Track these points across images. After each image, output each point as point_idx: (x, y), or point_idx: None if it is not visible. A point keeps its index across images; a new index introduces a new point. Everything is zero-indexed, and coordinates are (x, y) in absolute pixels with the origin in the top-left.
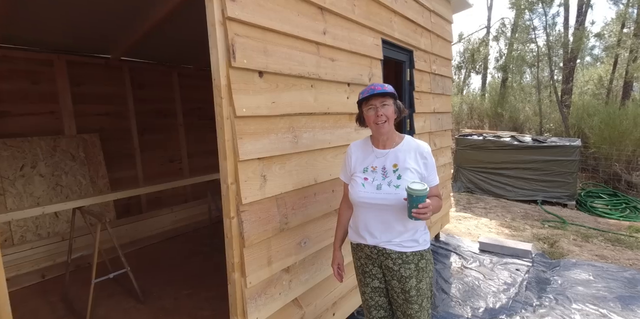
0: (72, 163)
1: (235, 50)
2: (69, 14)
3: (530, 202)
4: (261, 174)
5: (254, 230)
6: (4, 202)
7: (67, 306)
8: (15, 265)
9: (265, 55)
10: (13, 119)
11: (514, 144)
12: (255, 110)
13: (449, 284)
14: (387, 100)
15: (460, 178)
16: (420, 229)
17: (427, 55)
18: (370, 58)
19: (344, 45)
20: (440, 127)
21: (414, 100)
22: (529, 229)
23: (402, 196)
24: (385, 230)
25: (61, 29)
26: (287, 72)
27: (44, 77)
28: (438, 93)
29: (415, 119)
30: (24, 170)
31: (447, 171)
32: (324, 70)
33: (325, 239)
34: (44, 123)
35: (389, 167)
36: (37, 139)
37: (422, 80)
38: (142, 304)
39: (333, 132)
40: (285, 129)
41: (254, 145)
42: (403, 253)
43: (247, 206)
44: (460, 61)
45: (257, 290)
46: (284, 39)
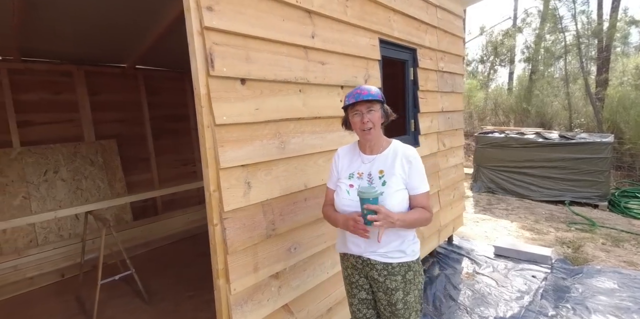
0: (91, 168)
1: (213, 59)
2: (83, 27)
3: (557, 203)
4: (245, 181)
5: (238, 237)
6: (29, 205)
7: (79, 305)
8: (38, 265)
9: (247, 62)
10: (36, 127)
11: (539, 142)
12: (237, 117)
13: (457, 290)
14: (373, 105)
15: (480, 178)
16: (408, 239)
17: (433, 53)
18: (366, 59)
19: (335, 48)
20: (450, 127)
21: (418, 100)
22: (552, 232)
23: (387, 203)
24: (370, 239)
25: (78, 41)
26: (272, 78)
27: (64, 88)
28: (447, 91)
29: (421, 119)
30: (47, 175)
31: (460, 172)
32: (313, 74)
33: (318, 244)
34: (65, 131)
35: (374, 173)
36: (59, 145)
37: (427, 79)
38: (147, 305)
39: (324, 136)
40: (270, 135)
41: (236, 152)
42: (388, 264)
43: (230, 213)
44: (483, 55)
45: (242, 296)
46: (267, 45)
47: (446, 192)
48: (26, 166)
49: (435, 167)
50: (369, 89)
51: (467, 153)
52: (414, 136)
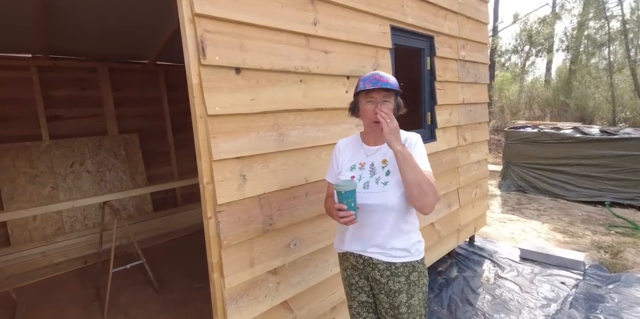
0: (115, 161)
1: (205, 47)
2: (105, 25)
3: (595, 204)
4: (240, 173)
5: (233, 231)
6: (57, 195)
7: (96, 292)
8: (64, 252)
9: (241, 50)
10: (64, 122)
11: (577, 137)
12: (231, 108)
13: (476, 294)
14: (389, 96)
15: (509, 175)
16: (413, 236)
17: (453, 41)
18: (376, 47)
19: (340, 36)
20: (473, 120)
21: (435, 91)
22: (589, 235)
23: (390, 194)
24: (372, 236)
25: (101, 39)
26: (269, 67)
27: (89, 84)
28: (469, 82)
29: (438, 111)
30: (73, 167)
31: (483, 168)
32: (315, 63)
33: (320, 241)
34: (90, 125)
35: (377, 163)
36: (85, 139)
37: (446, 68)
38: (159, 294)
39: (327, 129)
40: (268, 127)
41: (230, 144)
42: (392, 263)
43: (224, 206)
44: (516, 45)
45: (238, 291)
46: (264, 33)
47: (467, 190)
48: (54, 158)
49: (454, 163)
50: (388, 77)
51: (496, 149)
52: (430, 130)
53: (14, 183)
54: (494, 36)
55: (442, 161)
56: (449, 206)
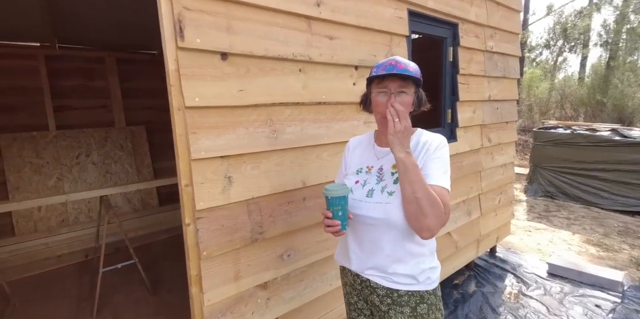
0: (121, 153)
1: (183, 27)
2: (114, 13)
3: (634, 214)
4: (225, 175)
5: (215, 240)
6: (62, 186)
7: (91, 289)
8: (67, 244)
9: (228, 33)
10: (72, 112)
11: (616, 140)
12: (214, 99)
13: (496, 314)
14: (407, 86)
15: (537, 180)
16: (423, 261)
17: (480, 29)
18: (390, 34)
19: (348, 20)
20: (499, 119)
21: (457, 85)
22: (626, 250)
23: (393, 208)
24: (370, 255)
25: (109, 28)
26: (262, 53)
27: (97, 74)
28: (496, 76)
29: (460, 108)
30: (79, 158)
31: (509, 173)
32: (317, 50)
33: (319, 251)
34: (97, 116)
35: (387, 168)
36: (91, 130)
37: (471, 60)
38: (153, 296)
39: (331, 125)
40: (259, 122)
41: (213, 141)
42: (394, 290)
43: (204, 212)
44: (549, 39)
45: (219, 308)
46: (257, 13)
47: (489, 196)
48: (60, 148)
49: (476, 167)
50: (407, 62)
51: (523, 151)
52: (450, 129)
53: (20, 173)
54: (525, 30)
55: (462, 164)
56: (468, 213)
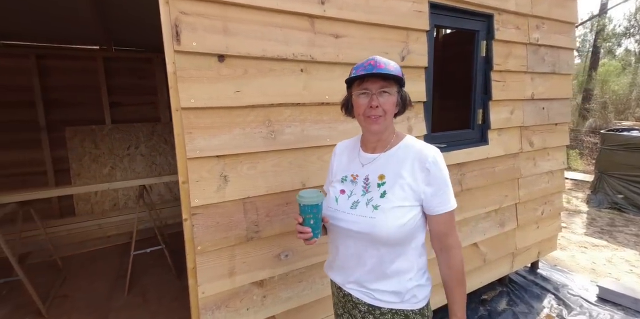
0: (165, 146)
1: (179, 31)
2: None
3: None
4: (220, 174)
5: (209, 236)
6: (115, 175)
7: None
8: (116, 226)
9: (225, 35)
10: (124, 108)
11: None
12: (210, 100)
13: None
14: (389, 86)
15: (603, 189)
16: (410, 278)
17: (522, 20)
18: (406, 30)
19: (357, 16)
20: (545, 120)
21: (491, 83)
22: None
23: (378, 223)
24: (351, 269)
25: (157, 30)
26: (259, 54)
27: (146, 73)
28: (542, 72)
29: (494, 108)
30: (130, 150)
31: (556, 181)
32: (320, 50)
33: (320, 254)
34: (145, 112)
35: (373, 178)
36: (140, 125)
37: (509, 55)
38: (177, 279)
39: (334, 126)
40: (257, 123)
41: (208, 141)
42: (375, 307)
43: (200, 208)
44: (629, 26)
45: (214, 301)
46: (254, 14)
47: (530, 207)
48: (114, 141)
49: (513, 173)
50: (386, 62)
51: (590, 155)
52: (481, 131)
53: (81, 162)
54: (600, 16)
55: (494, 169)
56: (500, 224)
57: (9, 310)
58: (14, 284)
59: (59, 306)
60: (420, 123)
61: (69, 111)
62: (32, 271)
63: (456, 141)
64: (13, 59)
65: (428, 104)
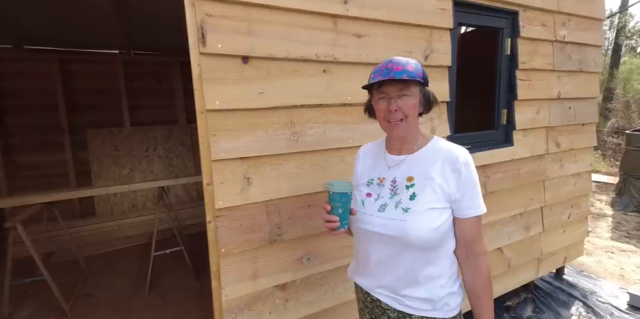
0: (182, 148)
1: (205, 33)
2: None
3: None
4: (244, 176)
5: (233, 238)
6: (134, 176)
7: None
8: (134, 226)
9: (249, 36)
10: (142, 110)
11: None
12: (234, 102)
13: None
14: (408, 88)
15: (629, 191)
16: (441, 285)
17: (548, 16)
18: (430, 28)
19: (380, 15)
20: (572, 120)
21: (516, 82)
22: None
23: (410, 226)
24: (381, 274)
25: (175, 34)
26: (283, 55)
27: (164, 77)
28: (569, 70)
29: (519, 108)
30: (148, 152)
31: (583, 184)
32: (343, 50)
33: (342, 257)
34: (163, 114)
35: (401, 180)
36: (158, 127)
37: (535, 52)
38: (196, 281)
39: (357, 128)
40: (280, 124)
41: (232, 143)
42: (406, 314)
43: (224, 210)
44: None
45: (237, 304)
46: (278, 15)
47: (556, 210)
48: (133, 143)
49: (539, 175)
50: (405, 62)
51: (613, 156)
52: (505, 132)
53: (102, 163)
54: (622, 13)
55: (519, 171)
56: (526, 228)
57: (33, 309)
58: (39, 284)
59: (81, 305)
60: (444, 124)
61: (90, 114)
62: (55, 270)
63: (480, 142)
64: (38, 63)
65: (451, 104)
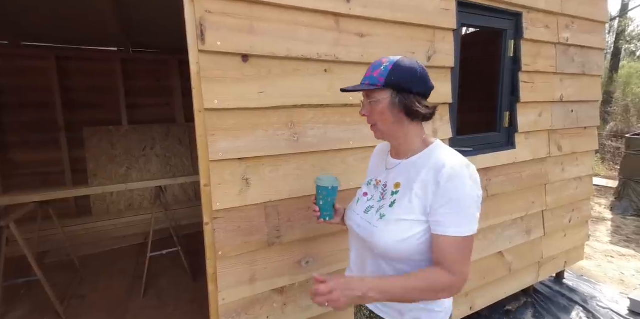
0: (180, 147)
1: (204, 30)
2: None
3: None
4: (243, 177)
5: (231, 241)
6: (131, 175)
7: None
8: (131, 226)
9: (250, 34)
10: (141, 109)
11: None
12: (233, 102)
13: None
14: (374, 95)
15: (628, 195)
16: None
17: (551, 18)
18: (433, 28)
19: (383, 15)
20: (574, 124)
21: (519, 84)
22: None
23: (378, 232)
24: (358, 272)
25: (174, 32)
26: (284, 54)
27: (162, 75)
28: (572, 73)
29: (521, 111)
30: (145, 151)
31: (584, 187)
32: (345, 49)
33: (342, 260)
34: (161, 113)
35: (390, 186)
36: (156, 126)
37: (538, 55)
38: (194, 282)
39: (359, 129)
40: (280, 125)
41: (231, 143)
42: (380, 317)
43: (221, 212)
44: None
45: (234, 308)
46: (280, 13)
47: (557, 214)
48: (131, 141)
49: (541, 179)
50: (377, 65)
51: (612, 160)
52: (507, 134)
53: (98, 162)
54: (622, 17)
55: (521, 175)
56: (527, 232)
57: (27, 310)
58: (32, 284)
59: (76, 306)
60: (446, 125)
61: (87, 112)
62: (50, 270)
63: (482, 144)
64: (33, 60)
65: (454, 106)
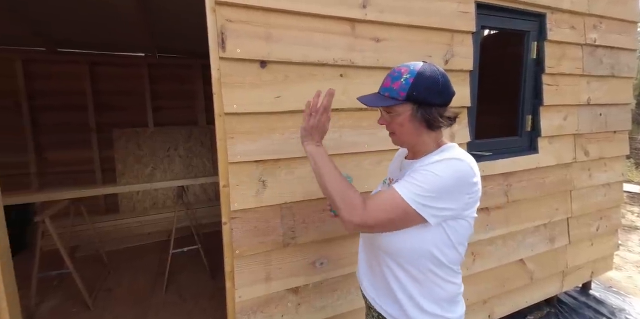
0: (201, 148)
1: (225, 38)
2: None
3: None
4: (259, 178)
5: (247, 240)
6: (155, 175)
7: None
8: (154, 223)
9: (267, 41)
10: (165, 111)
11: None
12: (251, 106)
13: None
14: (395, 107)
15: None
16: (418, 303)
17: (577, 19)
18: (451, 32)
19: (398, 19)
20: (603, 127)
21: (542, 87)
22: None
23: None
24: (367, 272)
25: (198, 37)
26: (300, 59)
27: (186, 79)
28: (600, 75)
29: (544, 114)
30: (169, 151)
31: (614, 194)
32: (360, 54)
33: (356, 263)
34: (184, 115)
35: None
36: (179, 128)
37: (563, 56)
38: (212, 279)
39: (374, 133)
40: (296, 128)
41: (248, 146)
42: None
43: (238, 213)
44: None
45: (250, 306)
46: (296, 20)
47: (583, 222)
48: (156, 143)
49: (565, 185)
50: (396, 76)
51: None
52: (530, 138)
53: (125, 162)
54: None
55: (544, 180)
56: (550, 240)
57: (59, 301)
58: (64, 276)
59: (103, 299)
60: (464, 129)
61: (116, 114)
62: (80, 264)
63: (502, 148)
64: (68, 65)
65: (472, 109)
